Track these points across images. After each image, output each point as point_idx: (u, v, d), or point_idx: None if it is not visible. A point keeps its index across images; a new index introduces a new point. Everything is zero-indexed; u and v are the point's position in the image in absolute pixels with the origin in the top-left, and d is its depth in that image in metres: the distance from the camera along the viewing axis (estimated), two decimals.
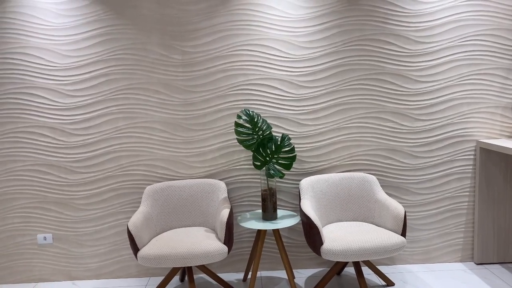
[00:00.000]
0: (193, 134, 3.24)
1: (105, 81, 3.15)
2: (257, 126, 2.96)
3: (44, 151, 3.20)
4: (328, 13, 3.13)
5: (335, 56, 3.17)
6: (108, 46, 3.12)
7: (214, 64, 3.18)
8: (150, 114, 3.20)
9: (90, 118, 3.18)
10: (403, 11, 3.13)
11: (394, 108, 3.23)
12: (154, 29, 3.13)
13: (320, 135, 3.24)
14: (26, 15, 3.08)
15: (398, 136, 3.25)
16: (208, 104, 3.22)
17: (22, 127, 3.18)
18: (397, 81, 3.20)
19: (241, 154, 3.27)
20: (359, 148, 3.26)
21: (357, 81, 3.19)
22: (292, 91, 3.20)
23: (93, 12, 3.09)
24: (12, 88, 3.14)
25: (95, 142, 3.21)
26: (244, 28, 3.14)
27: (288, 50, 3.16)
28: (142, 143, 3.23)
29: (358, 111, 3.22)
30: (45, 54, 3.11)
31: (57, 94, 3.15)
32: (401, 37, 3.15)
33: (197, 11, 3.12)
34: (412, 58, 3.17)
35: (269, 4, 3.12)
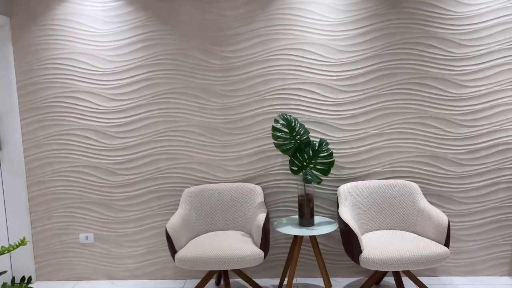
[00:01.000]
0: (231, 138, 3.26)
1: (147, 85, 3.23)
2: (294, 131, 2.94)
3: (88, 153, 3.31)
4: (368, 16, 3.08)
5: (376, 60, 3.10)
6: (150, 51, 3.20)
7: (252, 68, 3.19)
8: (189, 118, 3.25)
9: (132, 121, 3.27)
10: (447, 14, 3.03)
11: (437, 114, 3.11)
12: (194, 35, 3.18)
13: (359, 140, 3.18)
14: (73, 22, 3.21)
15: (441, 143, 3.14)
16: (245, 109, 3.23)
17: (67, 130, 3.30)
18: (441, 85, 3.09)
19: (277, 158, 3.25)
20: (400, 155, 3.17)
21: (399, 86, 3.11)
22: (331, 96, 3.16)
23: (137, 19, 3.18)
24: (59, 92, 3.27)
25: (136, 145, 3.28)
26: (283, 32, 3.14)
27: (327, 54, 3.13)
28: (181, 146, 3.27)
29: (400, 116, 3.14)
30: (90, 59, 3.23)
31: (100, 98, 3.26)
32: (445, 40, 3.05)
33: (236, 16, 3.15)
34: (456, 62, 3.06)
35: (308, 8, 3.10)
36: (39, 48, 3.24)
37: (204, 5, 3.15)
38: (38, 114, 3.30)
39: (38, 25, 3.23)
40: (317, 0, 3.09)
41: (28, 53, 3.25)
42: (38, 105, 3.29)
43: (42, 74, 3.26)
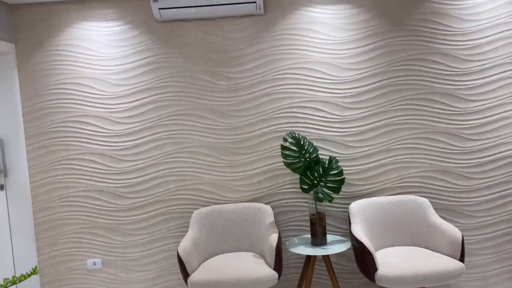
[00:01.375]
0: (238, 158, 3.25)
1: (153, 108, 3.23)
2: (303, 149, 2.94)
3: (94, 177, 3.28)
4: (372, 35, 3.12)
5: (381, 76, 3.13)
6: (156, 74, 3.21)
7: (258, 88, 3.21)
8: (196, 139, 3.24)
9: (139, 144, 3.25)
10: (449, 30, 3.08)
11: (444, 128, 3.14)
12: (199, 57, 3.20)
13: (368, 157, 3.18)
14: (79, 47, 3.22)
15: (449, 157, 3.15)
16: (252, 128, 3.23)
17: (73, 154, 3.28)
18: (446, 100, 3.12)
19: (286, 177, 3.24)
20: (409, 170, 3.17)
21: (405, 102, 3.14)
22: (337, 113, 3.18)
23: (142, 42, 3.20)
24: (65, 117, 3.26)
25: (143, 168, 3.26)
26: (288, 52, 3.17)
27: (332, 72, 3.16)
28: (188, 167, 3.26)
29: (407, 131, 3.15)
30: (96, 83, 3.23)
31: (107, 122, 3.25)
32: (449, 56, 3.09)
33: (241, 38, 3.18)
34: (461, 76, 3.10)
35: (312, 28, 3.14)
36: (45, 74, 3.24)
37: (209, 28, 3.18)
38: (44, 140, 3.28)
39: (43, 50, 3.23)
40: (321, 19, 3.14)
41: (34, 79, 3.24)
42: (44, 131, 3.27)
43: (48, 100, 3.25)
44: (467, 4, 3.06)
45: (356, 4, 3.12)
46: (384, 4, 3.11)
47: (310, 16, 3.14)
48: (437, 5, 3.08)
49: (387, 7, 3.11)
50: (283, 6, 3.15)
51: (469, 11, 3.06)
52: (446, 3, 3.07)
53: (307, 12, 3.14)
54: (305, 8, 3.14)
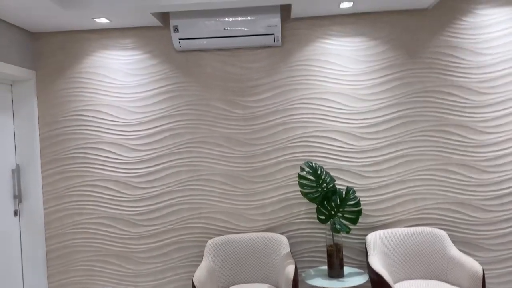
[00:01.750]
0: (253, 187, 3.24)
1: (170, 135, 3.25)
2: (320, 179, 2.93)
3: (108, 204, 3.26)
4: (388, 66, 3.17)
5: (397, 107, 3.16)
6: (174, 102, 3.25)
7: (274, 117, 3.23)
8: (211, 166, 3.24)
9: (154, 171, 3.25)
10: (464, 63, 3.12)
11: (460, 160, 3.13)
12: (217, 86, 3.24)
13: (384, 187, 3.17)
14: (99, 75, 3.27)
15: (466, 189, 3.13)
16: (268, 157, 3.23)
17: (88, 181, 3.28)
18: (462, 132, 3.13)
19: (302, 207, 3.22)
20: (425, 202, 3.15)
21: (421, 133, 3.15)
22: (353, 143, 3.18)
23: (161, 71, 3.25)
24: (82, 143, 3.28)
25: (157, 195, 3.25)
26: (304, 82, 3.21)
27: (348, 102, 3.19)
28: (203, 195, 3.24)
29: (423, 163, 3.15)
30: (114, 111, 3.26)
31: (123, 148, 3.26)
32: (464, 89, 3.12)
33: (258, 68, 3.23)
34: (476, 109, 3.12)
35: (328, 60, 3.19)
36: (64, 100, 3.28)
37: (227, 58, 3.24)
38: (59, 166, 3.28)
39: (63, 78, 3.28)
40: (337, 51, 3.19)
41: (53, 105, 3.28)
42: (60, 157, 3.28)
43: (65, 126, 3.28)
44: (481, 38, 3.11)
45: (372, 36, 3.18)
46: (399, 37, 3.16)
47: (326, 48, 3.20)
48: (452, 38, 3.13)
49: (402, 40, 3.16)
50: (299, 38, 3.21)
51: (483, 45, 3.11)
52: (461, 37, 3.13)
53: (323, 44, 3.20)
54: (321, 40, 3.20)
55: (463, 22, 3.13)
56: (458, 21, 3.14)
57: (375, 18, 3.18)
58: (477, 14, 3.12)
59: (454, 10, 3.14)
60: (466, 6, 3.13)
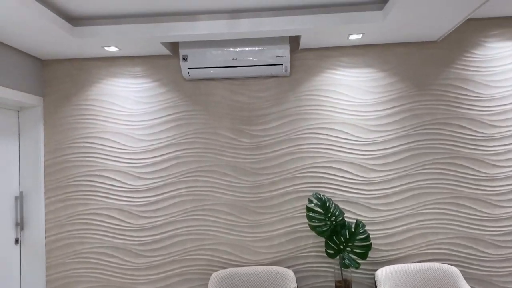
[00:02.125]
0: (259, 218, 3.17)
1: (176, 163, 3.21)
2: (329, 211, 2.87)
3: (111, 233, 3.20)
4: (397, 98, 3.14)
5: (406, 139, 3.12)
6: (181, 130, 3.22)
7: (282, 147, 3.19)
8: (217, 196, 3.18)
9: (159, 200, 3.20)
10: (474, 96, 3.10)
11: (471, 194, 3.07)
12: (225, 114, 3.22)
13: (394, 221, 3.09)
14: (106, 102, 3.26)
15: (477, 224, 3.05)
16: (275, 187, 3.18)
17: (91, 209, 3.22)
18: (473, 165, 3.07)
19: (309, 240, 3.14)
20: (436, 236, 3.07)
21: (431, 165, 3.09)
22: (363, 175, 3.13)
23: (169, 99, 3.24)
24: (86, 171, 3.24)
25: (162, 225, 3.18)
26: (312, 112, 3.18)
27: (357, 133, 3.15)
28: (208, 226, 3.17)
29: (433, 196, 3.08)
30: (121, 138, 3.23)
31: (128, 176, 3.22)
32: (475, 121, 3.09)
33: (266, 97, 3.21)
34: (488, 142, 3.07)
35: (337, 90, 3.18)
36: (70, 127, 3.26)
37: (235, 87, 3.23)
38: (63, 193, 3.23)
39: (70, 105, 3.27)
40: (345, 82, 3.17)
41: (59, 132, 3.26)
42: (64, 184, 3.23)
43: (71, 153, 3.25)
44: (492, 71, 3.10)
45: (380, 68, 3.17)
46: (408, 69, 3.15)
47: (335, 78, 3.19)
48: (462, 71, 3.12)
49: (411, 72, 3.15)
50: (308, 68, 3.20)
51: (494, 78, 3.09)
52: (471, 70, 3.11)
53: (331, 74, 3.19)
54: (329, 70, 3.19)
55: (473, 55, 3.12)
56: (468, 54, 3.13)
57: (384, 49, 3.18)
58: (487, 47, 3.12)
59: (463, 43, 3.13)
60: (475, 39, 3.13)
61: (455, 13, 2.56)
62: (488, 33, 3.13)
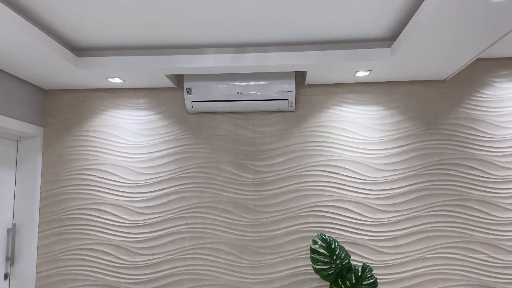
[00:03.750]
0: (261, 258, 3.02)
1: (175, 199, 3.10)
2: (334, 254, 2.73)
3: (105, 271, 3.05)
4: (405, 137, 3.06)
5: (415, 180, 3.01)
6: (182, 164, 3.13)
7: (285, 184, 3.09)
8: (217, 234, 3.05)
9: (157, 236, 3.07)
10: (485, 136, 3.02)
11: (483, 238, 2.93)
12: (228, 149, 3.14)
13: (402, 265, 2.94)
14: (107, 134, 3.19)
15: (490, 271, 2.89)
16: (278, 226, 3.05)
17: (86, 244, 3.09)
18: (485, 208, 2.95)
19: (313, 283, 2.98)
20: (446, 283, 2.90)
21: (440, 207, 2.97)
22: (369, 215, 3.01)
23: (171, 132, 3.17)
24: (83, 204, 3.13)
25: (159, 263, 3.04)
26: (317, 149, 3.10)
27: (363, 172, 3.05)
28: (206, 265, 3.03)
29: (443, 239, 2.94)
30: (120, 171, 3.14)
31: (126, 211, 3.10)
32: (485, 162, 2.99)
33: (271, 132, 3.14)
34: (499, 184, 2.96)
35: (343, 127, 3.11)
36: (69, 159, 3.18)
37: (239, 121, 3.16)
38: (57, 227, 3.11)
39: (71, 135, 3.21)
40: (352, 119, 3.11)
41: (57, 163, 3.17)
42: (59, 217, 3.12)
43: (68, 185, 3.15)
44: (502, 111, 3.03)
45: (387, 106, 3.11)
46: (416, 107, 3.09)
47: (341, 115, 3.12)
48: (471, 111, 3.05)
49: (419, 111, 3.09)
50: (314, 104, 3.15)
51: (505, 118, 3.02)
52: (481, 109, 3.05)
53: (338, 111, 3.13)
54: (335, 107, 3.14)
55: (482, 95, 3.07)
56: (477, 94, 3.07)
57: (392, 87, 3.13)
58: (496, 88, 3.07)
59: (472, 83, 3.09)
60: (485, 78, 3.08)
61: (464, 53, 2.52)
62: (497, 73, 3.09)
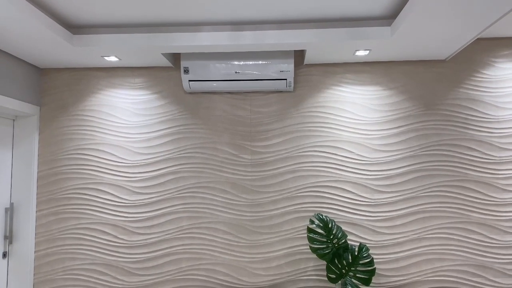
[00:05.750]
0: (258, 238, 3.04)
1: (173, 179, 3.10)
2: (331, 233, 2.74)
3: (103, 250, 3.06)
4: (403, 117, 3.04)
5: (412, 160, 3.00)
6: (180, 144, 3.12)
7: (283, 164, 3.08)
8: (215, 214, 3.06)
9: (154, 216, 3.07)
10: (484, 117, 3.00)
11: (480, 219, 2.93)
12: (225, 129, 3.12)
13: (398, 245, 2.96)
14: (104, 113, 3.17)
15: (486, 251, 2.91)
16: (275, 206, 3.06)
17: (84, 223, 3.10)
18: (482, 189, 2.95)
19: (309, 262, 3.00)
20: (443, 263, 2.92)
21: (438, 188, 2.97)
22: (367, 196, 3.01)
23: (168, 112, 3.15)
24: (80, 184, 3.13)
25: (156, 242, 3.05)
26: (316, 129, 3.08)
27: (361, 152, 3.04)
28: (204, 245, 3.04)
29: (440, 220, 2.95)
30: (117, 151, 3.13)
31: (123, 191, 3.10)
32: (484, 143, 2.98)
33: (269, 113, 3.12)
34: (497, 165, 2.96)
35: (341, 107, 3.08)
36: (66, 138, 3.16)
37: (237, 102, 3.14)
38: (55, 206, 3.11)
39: (68, 115, 3.18)
40: (351, 99, 3.08)
41: (54, 143, 3.16)
42: (57, 197, 3.12)
43: (65, 164, 3.14)
44: (502, 92, 3.01)
45: (387, 86, 3.08)
46: (415, 88, 3.06)
47: (340, 95, 3.10)
48: (471, 91, 3.03)
49: (419, 91, 3.06)
50: (312, 84, 3.12)
51: (505, 99, 3.00)
52: (481, 90, 3.02)
53: (336, 91, 3.10)
54: (334, 87, 3.11)
55: (482, 75, 3.04)
56: (478, 74, 3.04)
57: (391, 67, 3.10)
58: (497, 68, 3.03)
59: (472, 63, 3.05)
60: (485, 58, 3.05)
61: (465, 32, 2.49)
62: (498, 53, 3.05)
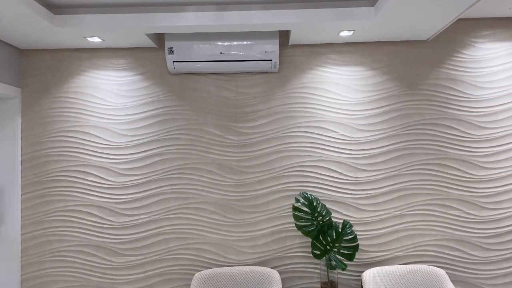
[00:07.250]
0: (245, 217, 3.09)
1: (159, 160, 3.11)
2: (316, 211, 2.81)
3: (90, 231, 3.08)
4: (386, 97, 3.10)
5: (395, 139, 3.07)
6: (165, 126, 3.12)
7: (269, 145, 3.12)
8: (202, 194, 3.10)
9: (141, 197, 3.09)
10: (464, 96, 3.07)
11: (459, 196, 3.04)
12: (211, 110, 3.13)
13: (381, 222, 3.05)
14: (88, 95, 3.14)
15: (465, 226, 3.03)
16: (261, 186, 3.10)
17: (71, 206, 3.10)
18: (461, 167, 3.04)
19: (295, 240, 3.07)
20: (423, 238, 3.03)
21: (419, 166, 3.06)
22: (350, 174, 3.08)
23: (153, 93, 3.13)
24: (66, 166, 3.12)
25: (144, 223, 3.08)
26: (300, 110, 3.12)
27: (345, 132, 3.09)
28: (192, 225, 3.08)
29: (421, 197, 3.05)
30: (102, 133, 3.12)
31: (109, 173, 3.11)
32: (464, 122, 3.06)
33: (254, 94, 3.14)
34: (476, 143, 3.05)
35: (326, 88, 3.12)
36: (50, 121, 3.13)
37: (222, 83, 3.14)
38: (41, 189, 3.10)
39: (50, 97, 3.15)
40: (335, 80, 3.12)
41: (37, 125, 3.13)
42: (42, 179, 3.11)
43: (49, 147, 3.12)
44: (482, 72, 3.08)
45: (370, 66, 3.12)
46: (398, 68, 3.11)
47: (324, 76, 3.13)
48: (452, 71, 3.09)
49: (401, 71, 3.11)
50: (297, 65, 3.14)
51: (484, 79, 3.07)
52: (461, 70, 3.09)
53: (321, 72, 3.13)
54: (319, 68, 3.13)
55: (463, 55, 3.10)
56: (458, 54, 3.10)
57: (374, 48, 3.13)
58: (477, 48, 3.10)
59: (453, 43, 3.11)
60: (466, 39, 3.11)
61: (446, 12, 2.52)
62: (478, 33, 3.11)
